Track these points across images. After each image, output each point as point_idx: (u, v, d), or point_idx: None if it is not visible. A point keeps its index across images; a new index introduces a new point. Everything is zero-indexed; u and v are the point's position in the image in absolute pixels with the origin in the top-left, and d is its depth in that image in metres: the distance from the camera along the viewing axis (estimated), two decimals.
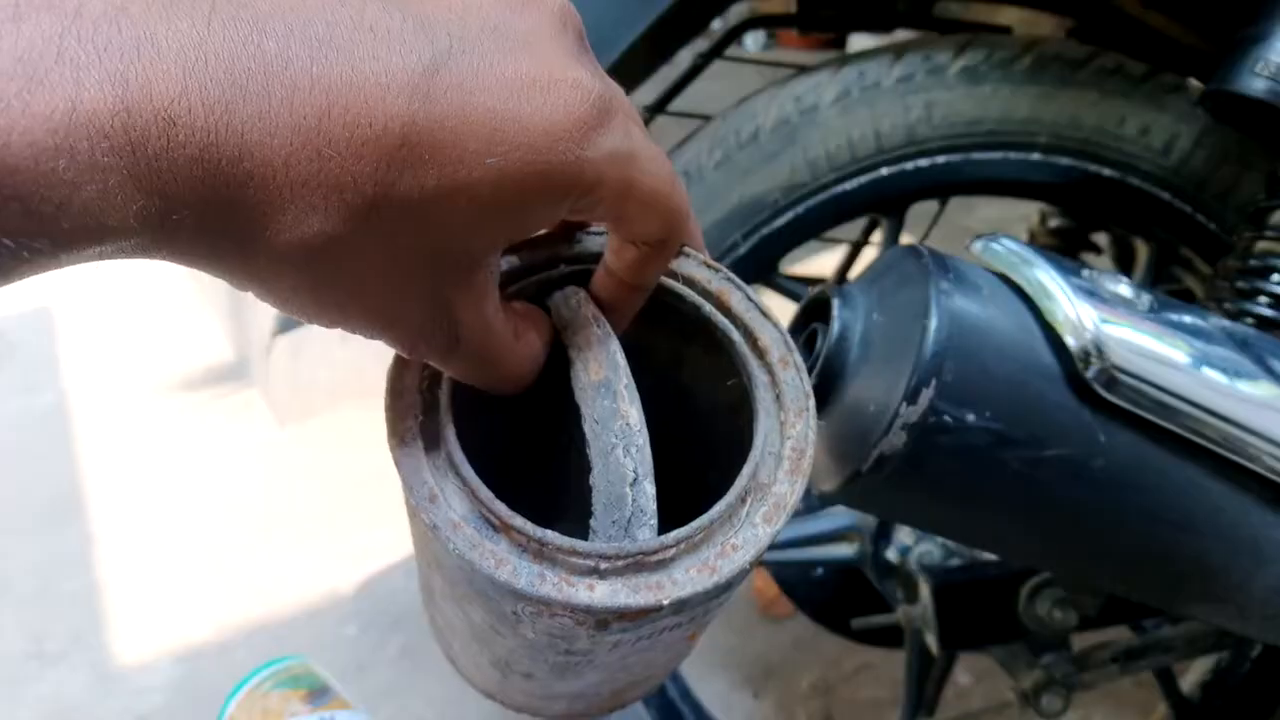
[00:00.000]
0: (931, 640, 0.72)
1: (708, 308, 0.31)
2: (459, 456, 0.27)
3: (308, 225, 0.21)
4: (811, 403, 0.30)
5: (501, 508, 0.26)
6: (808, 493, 0.87)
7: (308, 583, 1.40)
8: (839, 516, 0.78)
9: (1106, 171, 0.70)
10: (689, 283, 0.32)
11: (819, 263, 1.35)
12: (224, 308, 2.05)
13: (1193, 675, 0.87)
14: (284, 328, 1.70)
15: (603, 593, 0.25)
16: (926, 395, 0.42)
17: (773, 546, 0.76)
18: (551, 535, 0.25)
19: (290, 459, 1.70)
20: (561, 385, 0.29)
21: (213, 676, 1.25)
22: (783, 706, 1.19)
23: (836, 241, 0.90)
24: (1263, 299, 0.55)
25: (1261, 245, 0.57)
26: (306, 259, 0.21)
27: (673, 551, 0.26)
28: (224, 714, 0.49)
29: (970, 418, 0.42)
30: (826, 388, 0.46)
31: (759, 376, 0.31)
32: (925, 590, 0.71)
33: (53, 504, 1.59)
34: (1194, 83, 0.70)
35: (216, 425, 1.81)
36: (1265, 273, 0.56)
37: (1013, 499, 0.46)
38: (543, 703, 0.36)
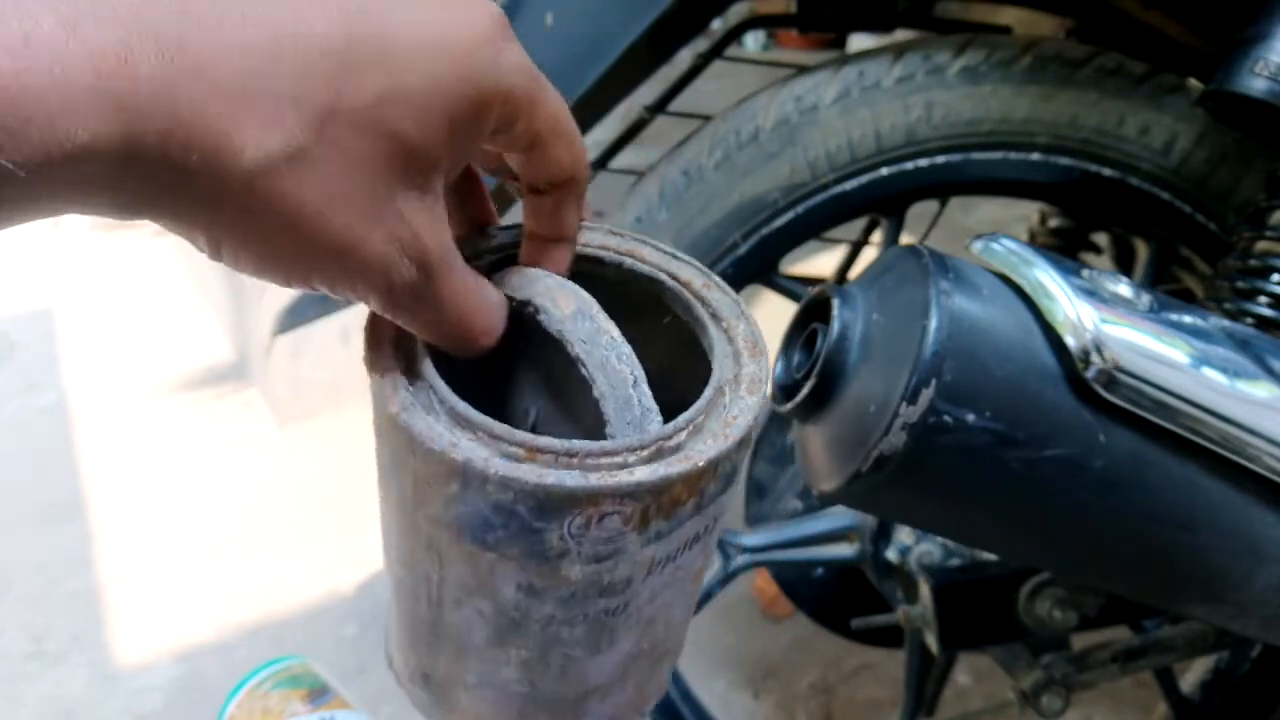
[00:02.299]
0: (931, 640, 0.72)
1: (629, 261, 0.34)
2: (462, 406, 0.27)
3: (271, 139, 0.22)
4: (743, 308, 0.33)
5: (524, 435, 0.27)
6: (807, 492, 0.87)
7: (308, 583, 1.40)
8: (839, 516, 0.78)
9: (1106, 171, 0.70)
10: (602, 248, 0.34)
11: (819, 263, 1.35)
12: (224, 308, 2.05)
13: (1193, 675, 0.87)
14: (284, 328, 1.70)
15: (644, 473, 0.27)
16: (926, 395, 0.42)
17: (772, 547, 0.76)
18: (579, 443, 0.27)
19: (290, 459, 1.70)
20: (517, 360, 0.31)
21: (213, 676, 1.25)
22: (783, 706, 1.19)
23: (836, 241, 0.90)
24: (1263, 299, 0.55)
25: (1261, 245, 0.57)
26: (275, 174, 0.23)
27: (685, 434, 0.28)
28: (224, 714, 0.49)
29: (970, 418, 0.42)
30: (826, 388, 0.46)
31: (687, 299, 0.34)
32: (925, 590, 0.71)
33: (53, 504, 1.59)
34: (1194, 83, 0.70)
35: (216, 425, 1.81)
36: (1265, 273, 0.56)
37: (1013, 499, 0.46)
38: (574, 706, 0.35)
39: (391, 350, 0.29)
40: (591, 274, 0.33)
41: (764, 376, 0.32)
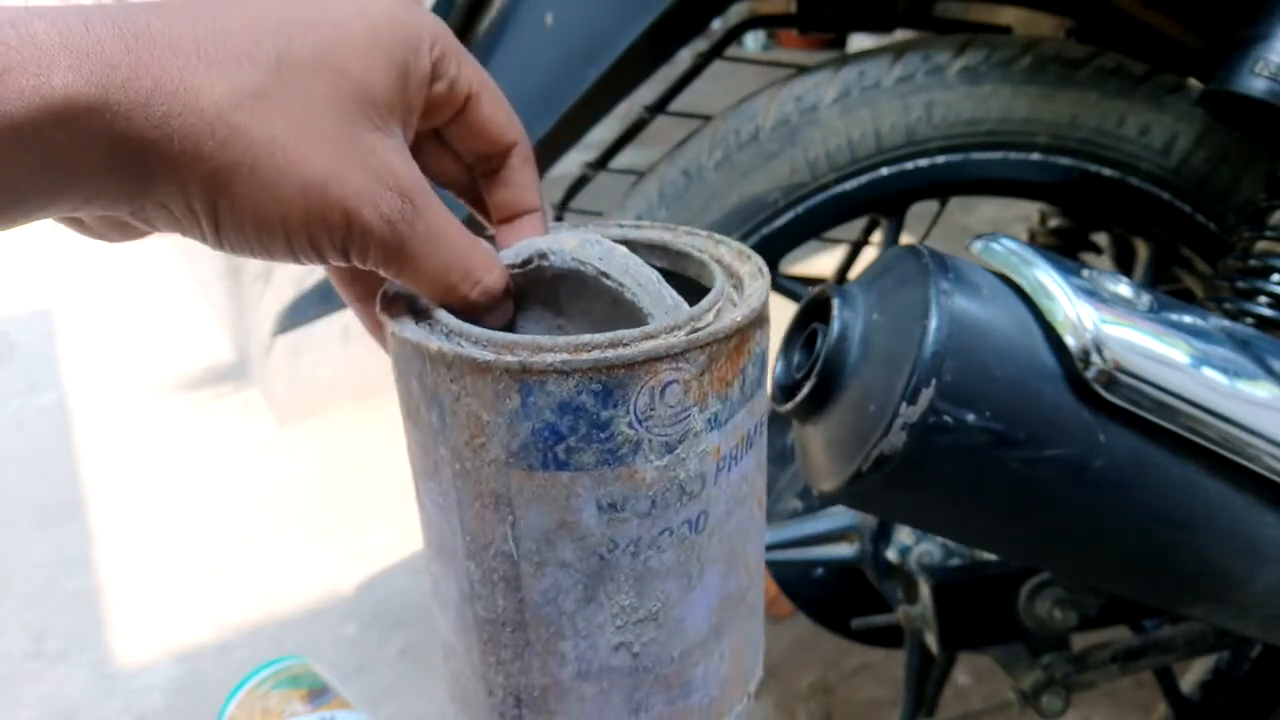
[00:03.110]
0: (931, 640, 0.72)
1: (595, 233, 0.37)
2: (499, 334, 0.28)
3: (233, 79, 0.25)
4: (716, 238, 0.37)
5: (566, 339, 0.27)
6: (808, 492, 0.87)
7: (308, 583, 1.40)
8: (839, 516, 0.78)
9: (1106, 171, 0.70)
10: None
11: (819, 263, 1.35)
12: (224, 308, 2.05)
13: (1193, 675, 0.87)
14: (284, 328, 1.70)
15: (693, 334, 0.28)
16: (926, 395, 0.42)
17: (772, 547, 0.76)
18: (622, 331, 0.28)
19: (290, 459, 1.70)
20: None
21: (213, 676, 1.25)
22: (783, 706, 1.19)
23: (836, 241, 0.90)
24: (1263, 299, 0.55)
25: (1261, 245, 0.57)
26: (244, 109, 0.25)
27: (713, 314, 0.30)
28: (224, 714, 0.49)
29: (970, 418, 0.43)
30: (826, 388, 0.46)
31: (661, 247, 0.36)
32: (925, 590, 0.71)
33: (53, 504, 1.59)
34: (1194, 83, 0.70)
35: (216, 425, 1.81)
36: (1265, 273, 0.56)
37: (1013, 499, 0.46)
38: (678, 677, 0.34)
39: (411, 316, 0.31)
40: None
41: (761, 269, 0.33)
